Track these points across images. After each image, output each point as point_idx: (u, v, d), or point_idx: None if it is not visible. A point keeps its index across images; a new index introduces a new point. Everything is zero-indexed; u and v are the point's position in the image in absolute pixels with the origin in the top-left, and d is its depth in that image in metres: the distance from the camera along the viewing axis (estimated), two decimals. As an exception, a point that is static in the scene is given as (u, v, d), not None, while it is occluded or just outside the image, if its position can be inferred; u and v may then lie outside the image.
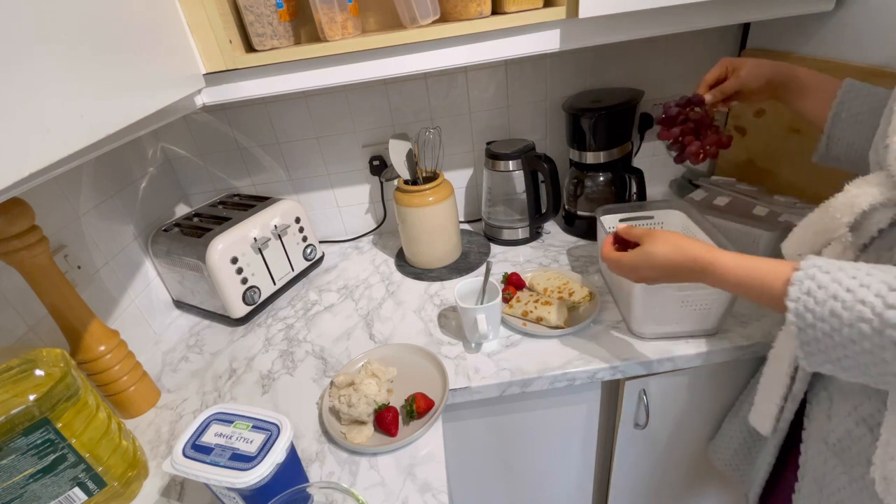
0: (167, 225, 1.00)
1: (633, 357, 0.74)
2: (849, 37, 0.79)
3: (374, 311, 0.95)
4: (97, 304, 0.80)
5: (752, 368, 0.79)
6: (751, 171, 1.03)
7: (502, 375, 0.74)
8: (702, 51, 1.07)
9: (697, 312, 0.72)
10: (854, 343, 0.38)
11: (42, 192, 0.74)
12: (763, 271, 0.46)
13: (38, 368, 0.55)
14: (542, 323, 0.81)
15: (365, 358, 0.80)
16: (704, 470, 0.96)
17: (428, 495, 0.60)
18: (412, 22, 0.76)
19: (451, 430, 0.84)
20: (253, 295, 0.95)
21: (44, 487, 0.55)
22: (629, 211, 0.90)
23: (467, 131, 1.14)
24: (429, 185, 0.97)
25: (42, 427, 0.53)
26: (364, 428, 0.68)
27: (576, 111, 1.00)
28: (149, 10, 0.63)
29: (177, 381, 0.86)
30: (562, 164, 1.07)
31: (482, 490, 0.96)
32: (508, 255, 1.07)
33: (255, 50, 0.78)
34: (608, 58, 1.07)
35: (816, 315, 0.40)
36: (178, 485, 0.66)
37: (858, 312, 0.38)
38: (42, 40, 0.43)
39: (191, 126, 1.08)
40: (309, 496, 0.53)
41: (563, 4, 0.74)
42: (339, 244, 1.24)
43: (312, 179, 1.18)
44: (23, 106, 0.40)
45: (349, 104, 1.08)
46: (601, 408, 0.85)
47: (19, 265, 0.64)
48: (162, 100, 0.64)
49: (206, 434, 0.56)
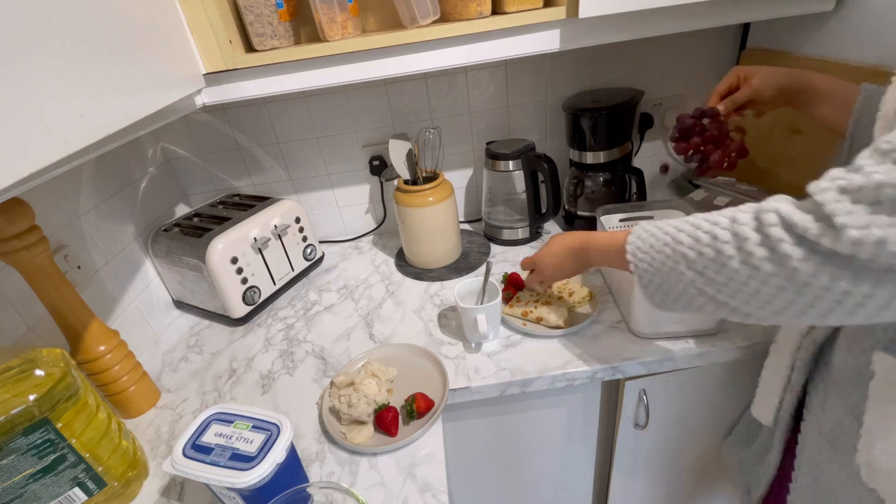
0: (167, 225, 1.00)
1: (632, 357, 0.74)
2: (848, 37, 0.79)
3: (374, 311, 0.95)
4: (97, 304, 0.80)
5: (751, 368, 0.79)
6: (751, 171, 1.03)
7: (502, 375, 0.74)
8: (702, 51, 1.07)
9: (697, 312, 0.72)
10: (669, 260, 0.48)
11: (42, 192, 0.74)
12: (616, 238, 0.57)
13: (38, 368, 0.55)
14: (542, 323, 0.81)
15: (365, 358, 0.80)
16: (705, 470, 0.96)
17: (428, 495, 0.60)
18: (412, 22, 0.76)
19: (451, 430, 0.84)
20: (253, 295, 0.95)
21: (44, 487, 0.55)
22: (629, 211, 0.90)
23: (467, 131, 1.14)
24: (429, 185, 0.97)
25: (42, 427, 0.53)
26: (364, 428, 0.68)
27: (576, 111, 1.00)
28: (148, 10, 0.63)
29: (177, 381, 0.86)
30: (562, 164, 1.07)
31: (482, 490, 0.96)
32: (508, 255, 1.07)
33: (255, 50, 0.78)
34: (608, 58, 1.07)
35: (643, 251, 0.51)
36: (178, 485, 0.66)
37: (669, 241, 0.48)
38: (42, 40, 0.43)
39: (191, 126, 1.08)
40: (309, 496, 0.53)
41: (563, 4, 0.74)
42: (339, 244, 1.24)
43: (312, 179, 1.18)
44: (23, 106, 0.40)
45: (349, 104, 1.08)
46: (601, 408, 0.85)
47: (19, 265, 0.64)
48: (162, 100, 0.64)
49: (206, 434, 0.56)
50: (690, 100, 1.13)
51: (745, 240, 0.41)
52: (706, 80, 1.11)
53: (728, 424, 0.87)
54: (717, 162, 0.68)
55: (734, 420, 0.86)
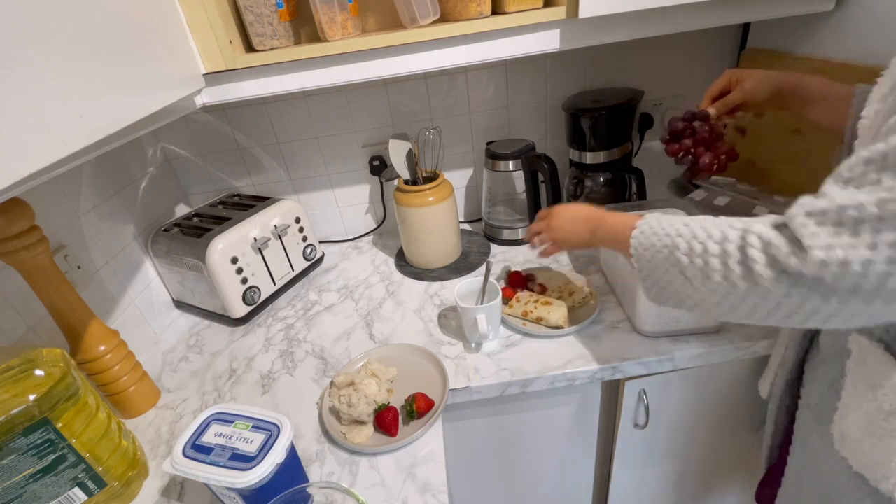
0: (167, 225, 1.00)
1: (632, 357, 0.74)
2: (849, 37, 0.79)
3: (374, 311, 0.95)
4: (97, 304, 0.80)
5: (751, 368, 0.79)
6: (751, 171, 1.02)
7: (502, 375, 0.74)
8: (702, 51, 1.07)
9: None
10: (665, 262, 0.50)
11: (42, 192, 0.74)
12: (625, 226, 0.57)
13: (38, 368, 0.55)
14: (542, 323, 0.81)
15: (365, 358, 0.80)
16: (705, 470, 0.96)
17: (428, 495, 0.60)
18: (412, 22, 0.76)
19: (451, 430, 0.84)
20: (253, 295, 0.95)
21: (44, 487, 0.55)
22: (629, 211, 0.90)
23: (467, 131, 1.14)
24: (429, 185, 0.97)
25: (42, 427, 0.53)
26: (364, 428, 0.68)
27: (576, 111, 1.00)
28: (149, 10, 0.63)
29: (177, 381, 0.86)
30: (562, 164, 1.07)
31: (482, 490, 0.96)
32: (508, 255, 1.07)
33: (255, 50, 0.78)
34: (608, 58, 1.07)
35: (644, 247, 0.52)
36: (178, 485, 0.66)
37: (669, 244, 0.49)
38: (42, 40, 0.43)
39: (191, 126, 1.08)
40: (309, 496, 0.53)
41: (563, 4, 0.74)
42: (339, 244, 1.24)
43: (312, 179, 1.18)
44: (23, 106, 0.40)
45: (349, 104, 1.08)
46: (601, 408, 0.85)
47: (19, 265, 0.64)
48: (162, 100, 0.64)
49: (206, 434, 0.56)
50: (690, 100, 1.13)
51: (728, 256, 0.43)
52: (706, 80, 1.09)
53: (728, 424, 0.87)
54: (708, 164, 0.69)
55: (734, 420, 0.87)
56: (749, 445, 0.90)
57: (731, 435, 0.89)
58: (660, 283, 0.52)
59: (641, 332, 0.77)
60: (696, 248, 0.46)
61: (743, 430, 0.88)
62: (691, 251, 0.46)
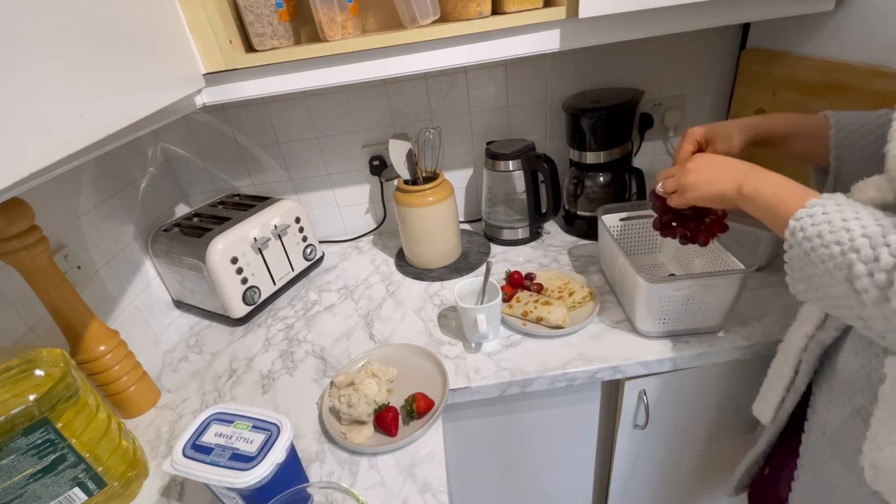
0: (167, 225, 1.00)
1: (632, 357, 0.74)
2: (849, 37, 0.79)
3: (374, 311, 0.95)
4: (97, 304, 0.80)
5: (751, 368, 0.79)
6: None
7: (502, 375, 0.74)
8: (702, 51, 1.07)
9: (701, 310, 0.72)
10: (823, 262, 0.42)
11: (42, 192, 0.74)
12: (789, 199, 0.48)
13: (38, 368, 0.55)
14: (542, 323, 0.81)
15: (365, 358, 0.80)
16: (705, 470, 0.96)
17: (428, 495, 0.60)
18: (412, 22, 0.76)
19: (451, 430, 0.84)
20: (253, 295, 0.95)
21: (44, 487, 0.55)
22: (629, 210, 0.90)
23: (467, 131, 1.14)
24: (429, 185, 0.97)
25: (42, 427, 0.53)
26: (364, 428, 0.68)
27: (576, 111, 1.00)
28: (149, 11, 0.63)
29: (177, 381, 0.86)
30: (562, 164, 1.07)
31: (482, 490, 0.96)
32: (508, 255, 1.07)
33: (255, 50, 0.78)
34: (608, 58, 1.07)
35: (807, 237, 0.43)
36: (178, 485, 0.66)
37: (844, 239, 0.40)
38: (42, 40, 0.43)
39: (191, 126, 1.08)
40: (309, 496, 0.53)
41: (563, 4, 0.74)
42: (339, 244, 1.24)
43: (312, 179, 1.18)
44: (23, 106, 0.40)
45: (349, 104, 1.08)
46: (601, 408, 0.85)
47: (19, 265, 0.64)
48: (162, 100, 0.64)
49: (206, 434, 0.56)
50: (690, 100, 1.13)
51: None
52: (706, 80, 1.11)
53: (728, 424, 0.87)
54: (704, 243, 0.67)
55: (734, 420, 0.86)
56: (749, 446, 0.90)
57: (731, 435, 0.89)
58: (814, 282, 0.44)
59: (641, 332, 0.77)
60: (887, 261, 0.37)
61: (743, 430, 0.88)
62: (877, 260, 0.37)
